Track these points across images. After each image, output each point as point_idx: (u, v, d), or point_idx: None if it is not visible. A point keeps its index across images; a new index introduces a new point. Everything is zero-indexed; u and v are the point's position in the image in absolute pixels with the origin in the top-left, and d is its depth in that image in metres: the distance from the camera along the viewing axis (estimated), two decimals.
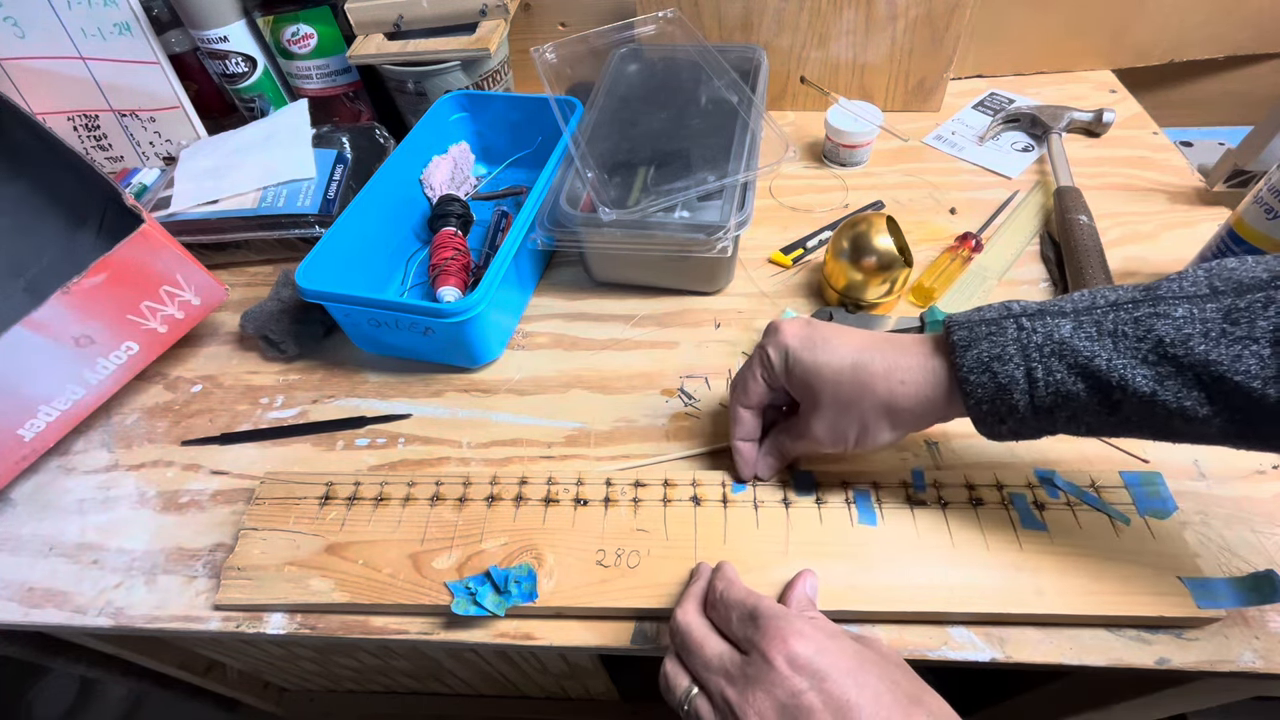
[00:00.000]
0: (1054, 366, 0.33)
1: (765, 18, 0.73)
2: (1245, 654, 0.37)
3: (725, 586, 0.35)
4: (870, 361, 0.38)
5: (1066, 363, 0.32)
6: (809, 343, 0.39)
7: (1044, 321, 0.33)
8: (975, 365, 0.34)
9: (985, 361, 0.34)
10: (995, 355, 0.34)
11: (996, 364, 0.34)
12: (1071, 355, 0.32)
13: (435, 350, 0.55)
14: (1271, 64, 0.82)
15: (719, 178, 0.54)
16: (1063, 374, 0.32)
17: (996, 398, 0.34)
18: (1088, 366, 0.32)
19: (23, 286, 0.59)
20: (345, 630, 0.42)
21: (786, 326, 0.40)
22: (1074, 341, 0.32)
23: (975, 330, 0.35)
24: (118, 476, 0.52)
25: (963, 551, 0.41)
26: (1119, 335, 0.32)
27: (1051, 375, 0.33)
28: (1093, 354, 0.32)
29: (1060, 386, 0.33)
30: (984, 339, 0.34)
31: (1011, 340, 0.34)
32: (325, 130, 0.70)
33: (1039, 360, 0.33)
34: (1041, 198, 0.66)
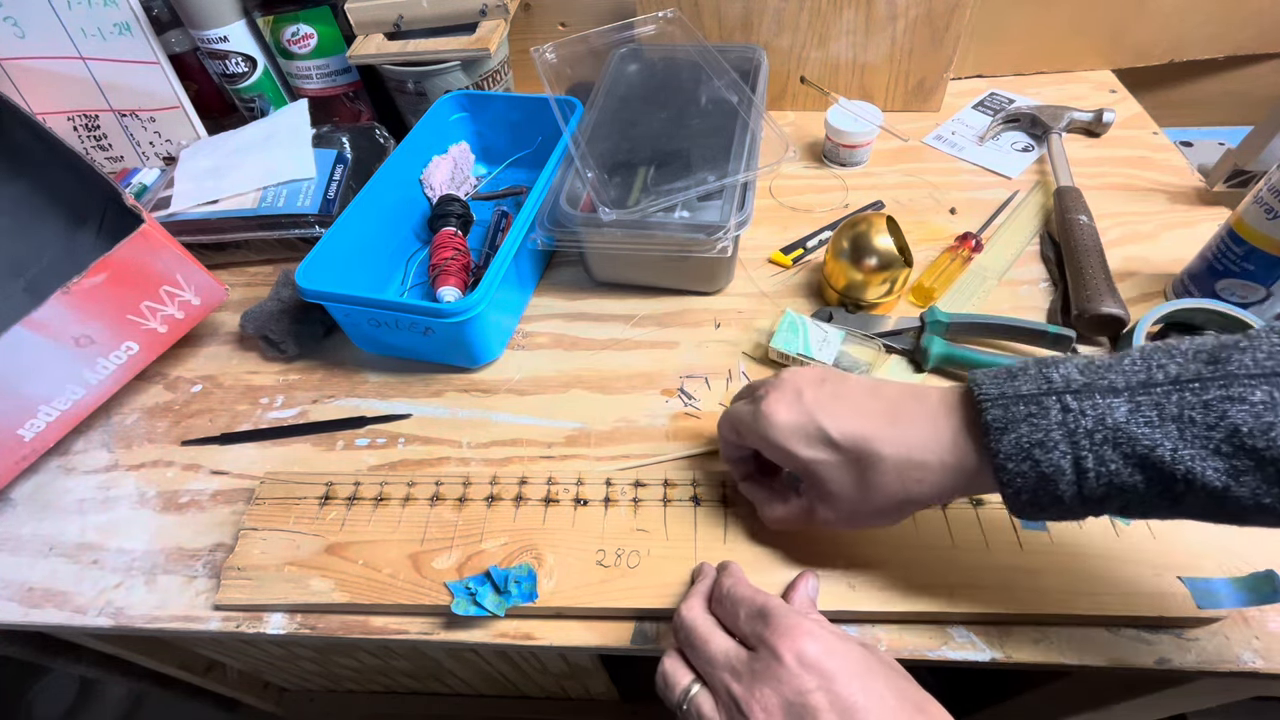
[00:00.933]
0: (1107, 456, 0.28)
1: (765, 18, 0.73)
2: (1245, 654, 0.37)
3: (732, 583, 0.35)
4: (880, 457, 0.33)
5: (1122, 452, 0.28)
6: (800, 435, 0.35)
7: (1093, 402, 0.29)
8: (1014, 452, 0.30)
9: (1025, 448, 0.29)
10: (1037, 441, 0.29)
11: (1039, 450, 0.29)
12: (1128, 444, 0.28)
13: (435, 350, 0.55)
14: (1271, 64, 0.82)
15: (719, 178, 0.54)
16: (1118, 464, 0.28)
17: (1039, 488, 0.30)
18: (1148, 457, 0.27)
19: (23, 286, 0.59)
20: (345, 630, 0.42)
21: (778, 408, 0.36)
22: (1131, 428, 0.28)
23: (1011, 410, 0.30)
24: (118, 476, 0.52)
25: (963, 551, 0.41)
26: (1185, 421, 0.27)
27: (1104, 466, 0.28)
28: (1154, 443, 0.27)
29: (1114, 478, 0.28)
30: (1023, 420, 0.30)
31: (1056, 424, 0.29)
32: (325, 130, 0.70)
33: (1089, 449, 0.28)
34: (1041, 198, 0.66)
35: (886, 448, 0.33)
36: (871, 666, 0.31)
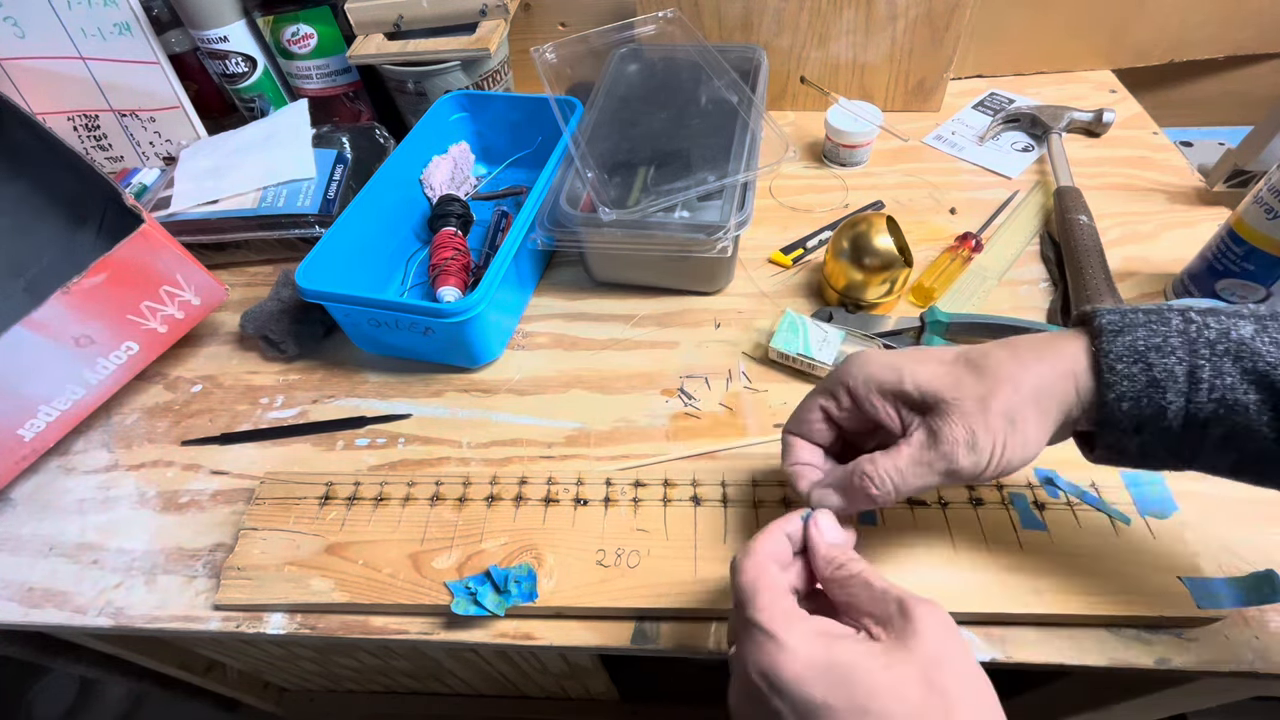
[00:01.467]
0: (1225, 369, 0.27)
1: (765, 18, 0.73)
2: (1245, 654, 0.37)
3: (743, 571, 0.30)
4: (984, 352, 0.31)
5: (1242, 366, 0.27)
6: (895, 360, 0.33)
7: (1218, 318, 0.28)
8: (1126, 352, 0.28)
9: (1140, 350, 0.28)
10: (1154, 345, 0.28)
11: (1154, 354, 0.28)
12: (1250, 358, 0.27)
13: (435, 350, 0.55)
14: (1271, 64, 0.82)
15: (719, 178, 0.54)
16: (1234, 378, 0.27)
17: (1145, 395, 0.28)
18: (1268, 375, 0.27)
19: (23, 286, 0.59)
20: (345, 630, 0.42)
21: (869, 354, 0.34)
22: (1255, 344, 0.27)
23: (1130, 316, 0.29)
24: (118, 476, 0.52)
25: (963, 551, 0.41)
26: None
27: (1221, 378, 0.27)
28: (1277, 360, 0.27)
29: (1228, 393, 0.27)
30: (1140, 325, 0.29)
31: (1176, 331, 0.28)
32: (325, 130, 0.70)
33: (1208, 358, 0.27)
34: (1041, 198, 0.66)
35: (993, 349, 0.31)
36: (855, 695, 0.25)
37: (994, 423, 0.30)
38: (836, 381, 0.34)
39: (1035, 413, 0.30)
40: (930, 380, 0.31)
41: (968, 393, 0.30)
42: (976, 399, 0.30)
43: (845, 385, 0.34)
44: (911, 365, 0.32)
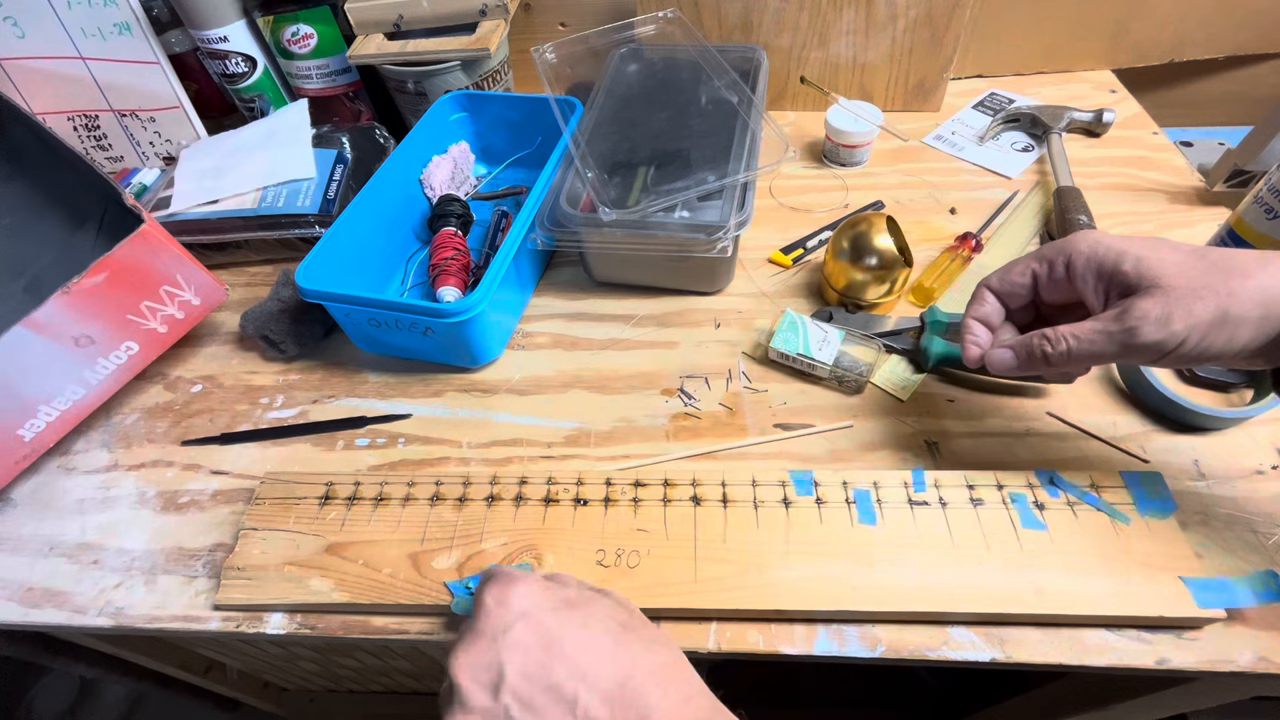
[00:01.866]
0: None
1: (765, 18, 0.73)
2: (1245, 654, 0.37)
3: None
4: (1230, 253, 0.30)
5: None
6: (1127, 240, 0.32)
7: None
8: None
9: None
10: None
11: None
12: None
13: (435, 350, 0.55)
14: (1271, 64, 0.82)
15: (719, 178, 0.54)
16: None
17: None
18: None
19: (23, 286, 0.59)
20: (345, 630, 0.42)
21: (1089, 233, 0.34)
22: None
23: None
24: (118, 476, 0.52)
25: (963, 551, 0.41)
26: None
27: None
28: None
29: None
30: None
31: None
32: (325, 130, 0.70)
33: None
34: (1041, 198, 0.66)
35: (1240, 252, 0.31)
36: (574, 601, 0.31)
37: (1199, 311, 0.30)
38: (1059, 250, 0.34)
39: (1257, 315, 0.29)
40: (1154, 264, 0.31)
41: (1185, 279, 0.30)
42: (1190, 286, 0.30)
43: (1067, 256, 0.33)
44: (1140, 249, 0.32)
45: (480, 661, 0.29)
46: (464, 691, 0.28)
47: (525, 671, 0.28)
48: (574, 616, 0.30)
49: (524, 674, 0.28)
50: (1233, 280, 0.29)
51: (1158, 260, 0.31)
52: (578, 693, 0.28)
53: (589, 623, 0.30)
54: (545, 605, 0.31)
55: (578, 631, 0.29)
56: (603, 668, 0.28)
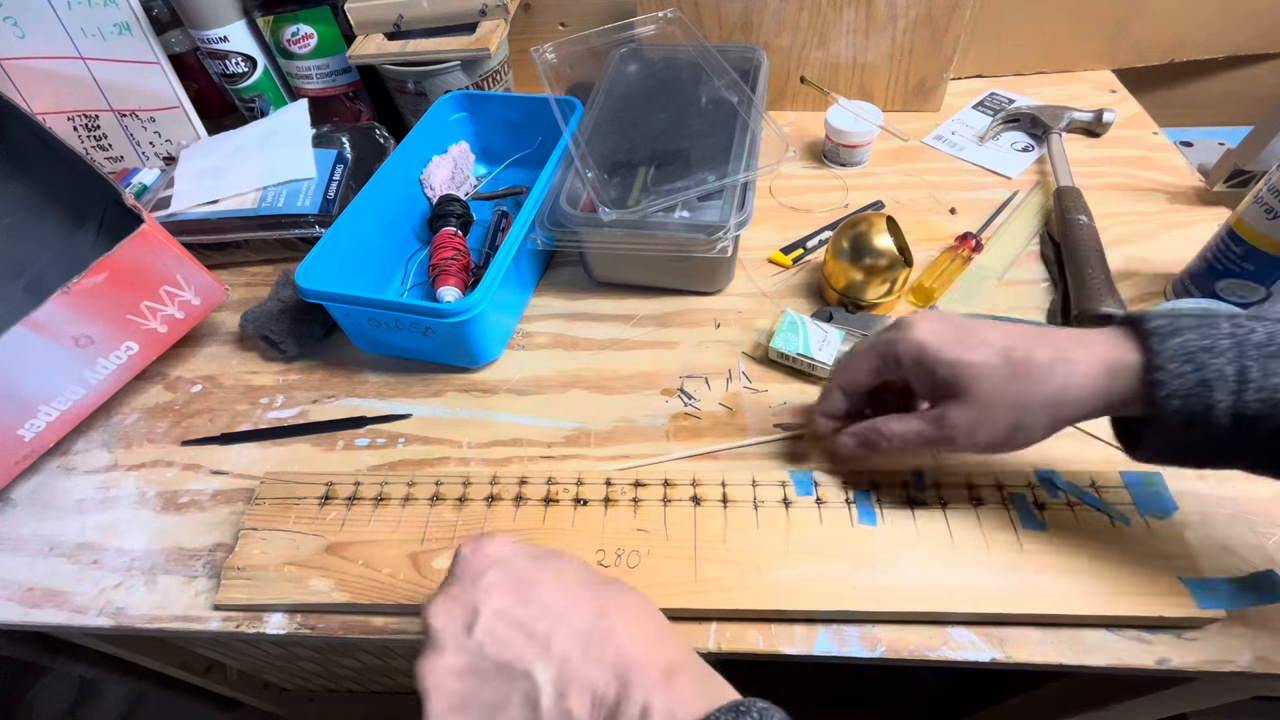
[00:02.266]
0: (1273, 368, 0.29)
1: (765, 18, 0.73)
2: (1245, 654, 0.37)
3: None
4: (1031, 353, 0.34)
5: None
6: (950, 339, 0.36)
7: (1265, 323, 0.30)
8: (1177, 354, 0.30)
9: (1190, 351, 0.30)
10: (1204, 346, 0.30)
11: (1204, 354, 0.30)
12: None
13: (435, 350, 0.55)
14: (1271, 64, 0.82)
15: (719, 178, 0.54)
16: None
17: (1194, 394, 0.30)
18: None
19: (23, 286, 0.59)
20: (345, 630, 0.42)
21: (920, 321, 0.37)
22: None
23: (1178, 321, 0.31)
24: (118, 476, 0.52)
25: (963, 551, 0.41)
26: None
27: (1270, 378, 0.29)
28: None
29: (1275, 392, 0.29)
30: (1190, 329, 0.30)
31: (1226, 334, 0.30)
32: (325, 130, 0.70)
33: (1256, 359, 0.29)
34: (1041, 198, 0.66)
35: (1038, 348, 0.34)
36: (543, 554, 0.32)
37: (1000, 421, 0.35)
38: (891, 351, 0.38)
39: (1048, 423, 0.34)
40: (964, 375, 0.35)
41: (989, 391, 0.35)
42: (991, 400, 0.35)
43: (897, 358, 0.38)
44: (955, 355, 0.35)
45: (455, 605, 0.29)
46: (438, 633, 0.29)
47: (499, 610, 0.29)
48: (548, 564, 0.31)
49: (497, 612, 0.29)
50: (1029, 390, 0.34)
51: (967, 370, 0.35)
52: (551, 628, 0.28)
53: (563, 570, 0.31)
54: (520, 553, 0.32)
55: (552, 577, 0.30)
56: (575, 608, 0.29)
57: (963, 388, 0.35)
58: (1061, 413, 0.34)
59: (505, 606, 0.29)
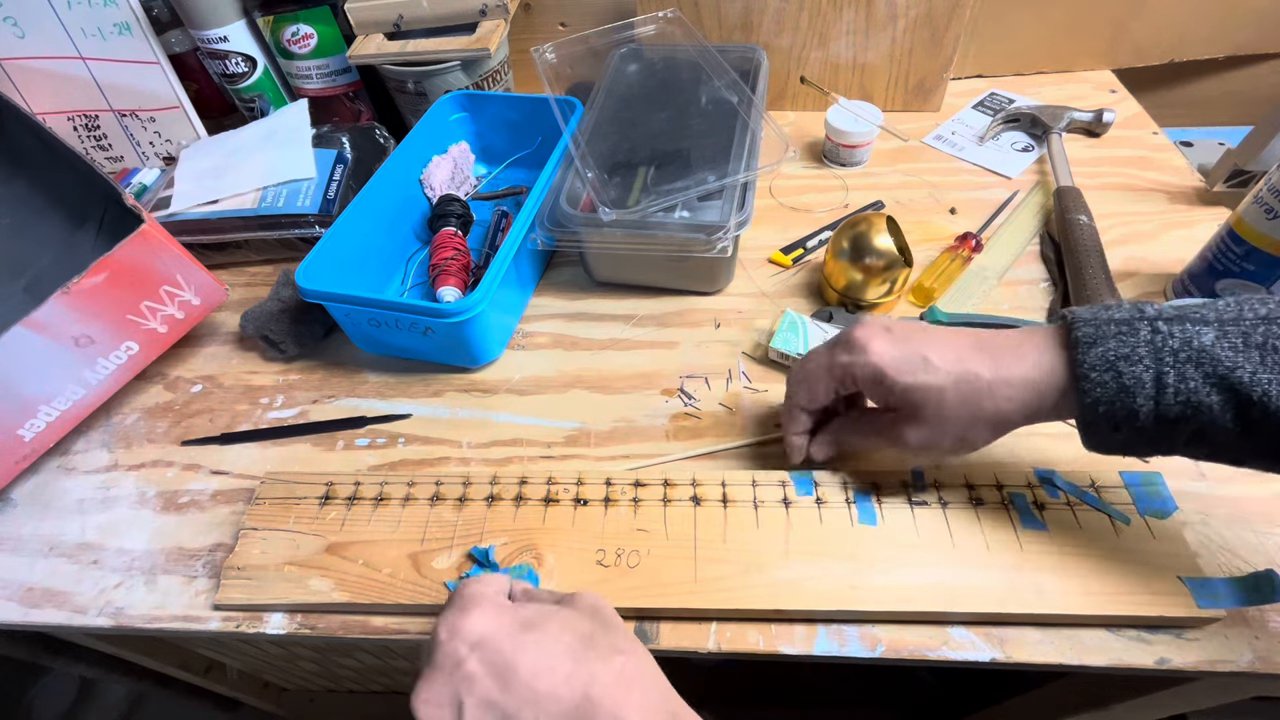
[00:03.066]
0: (1188, 374, 0.30)
1: (765, 18, 0.73)
2: (1245, 654, 0.37)
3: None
4: (976, 376, 0.35)
5: (1204, 371, 0.30)
6: (906, 365, 0.37)
7: (1183, 327, 0.31)
8: (1099, 363, 0.32)
9: (1111, 360, 0.32)
10: (1123, 355, 0.31)
11: (1123, 364, 0.31)
12: (1210, 364, 0.30)
13: (435, 350, 0.55)
14: (1271, 64, 0.82)
15: (719, 178, 0.54)
16: (1197, 382, 0.30)
17: (1117, 400, 0.32)
18: (1227, 378, 0.30)
19: (23, 286, 0.59)
20: (345, 630, 0.42)
21: (874, 343, 0.38)
22: (1215, 350, 0.30)
23: (1102, 329, 0.33)
24: (118, 476, 0.52)
25: (963, 551, 0.41)
26: (1268, 349, 0.29)
27: (1185, 382, 0.30)
28: (1234, 365, 0.30)
29: (1192, 396, 0.30)
30: (1112, 338, 0.32)
31: (1144, 342, 0.31)
32: (325, 130, 0.70)
33: (1173, 365, 0.30)
34: (1041, 198, 0.66)
35: (983, 368, 0.36)
36: (533, 621, 0.31)
37: (948, 436, 0.37)
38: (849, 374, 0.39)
39: (989, 433, 0.37)
40: (916, 397, 0.37)
41: (942, 412, 0.37)
42: (942, 419, 0.37)
43: (854, 377, 0.39)
44: (911, 378, 0.37)
45: (437, 697, 0.29)
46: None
47: (482, 700, 0.29)
48: (529, 640, 0.30)
49: (480, 703, 0.29)
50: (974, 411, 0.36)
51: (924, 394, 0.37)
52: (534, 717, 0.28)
53: (544, 643, 0.30)
54: (500, 631, 0.31)
55: (533, 657, 0.30)
56: (558, 689, 0.29)
57: (916, 409, 0.37)
58: (1002, 426, 0.37)
59: (487, 696, 0.29)
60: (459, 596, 0.33)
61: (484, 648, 0.30)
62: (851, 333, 0.39)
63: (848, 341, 0.39)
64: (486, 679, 0.29)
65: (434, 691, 0.30)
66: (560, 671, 0.29)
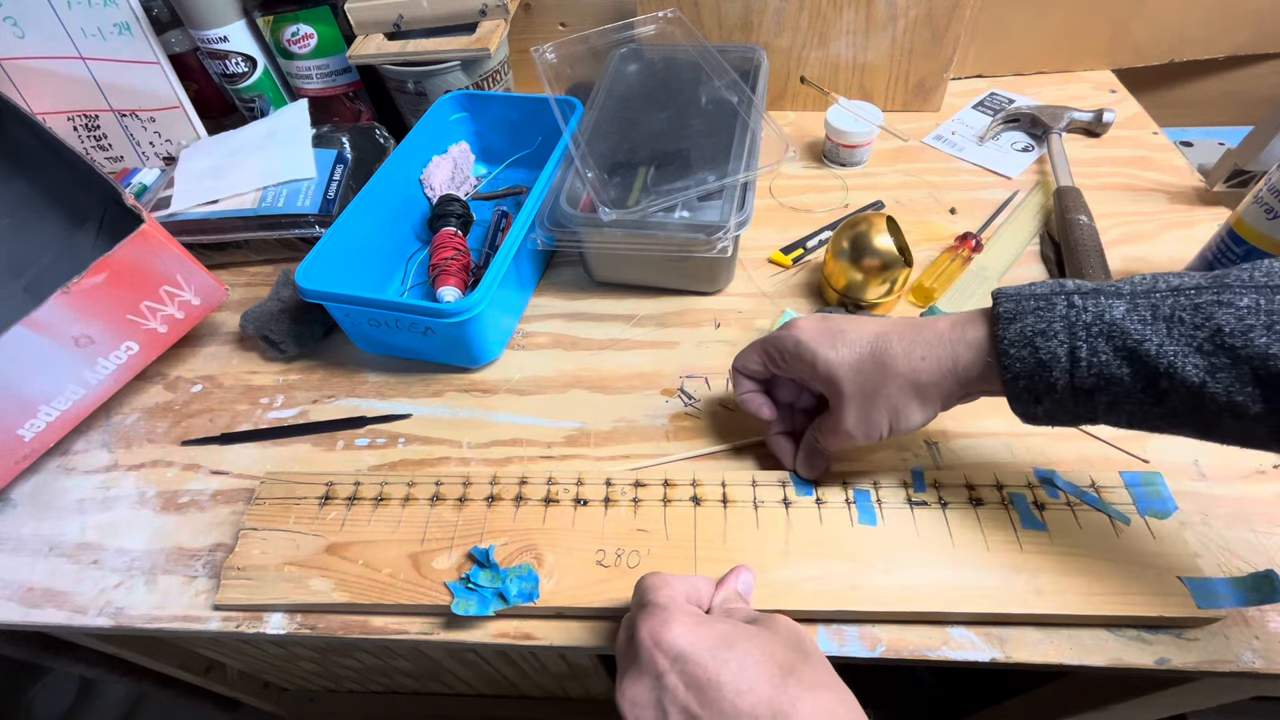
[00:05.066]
0: (1100, 347, 0.31)
1: (765, 18, 0.73)
2: (1245, 654, 0.37)
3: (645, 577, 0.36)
4: (889, 344, 0.37)
5: (1114, 344, 0.31)
6: (824, 336, 0.39)
7: (1096, 301, 0.32)
8: (1017, 339, 0.33)
9: (1028, 336, 0.33)
10: (1039, 330, 0.33)
11: (1040, 339, 0.33)
12: (1120, 337, 0.31)
13: (435, 350, 0.55)
14: (1271, 64, 0.82)
15: (719, 178, 0.54)
16: (1108, 355, 0.31)
17: (1035, 374, 0.33)
18: (1136, 350, 0.31)
19: (23, 286, 0.59)
20: (345, 630, 0.42)
21: (801, 321, 0.41)
22: (1125, 324, 0.31)
23: (1022, 304, 0.34)
24: (118, 476, 0.52)
25: (963, 551, 0.41)
26: (1174, 321, 0.30)
27: (1096, 356, 0.31)
28: (1143, 337, 0.30)
29: (1104, 369, 0.31)
30: (1030, 313, 0.33)
31: (1059, 317, 0.32)
32: (325, 130, 0.70)
33: (1085, 340, 0.32)
34: (1041, 198, 0.66)
35: (894, 338, 0.37)
36: (733, 638, 0.31)
37: (879, 411, 0.38)
38: (775, 345, 0.42)
39: (917, 402, 0.38)
40: (835, 369, 0.38)
41: (861, 386, 0.38)
42: (867, 393, 0.38)
43: (781, 352, 0.41)
44: (826, 352, 0.39)
45: (643, 699, 0.30)
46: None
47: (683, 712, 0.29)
48: (731, 658, 0.30)
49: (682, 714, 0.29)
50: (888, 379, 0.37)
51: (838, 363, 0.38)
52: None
53: (745, 663, 0.30)
54: (700, 646, 0.30)
55: (734, 675, 0.29)
56: (758, 711, 0.28)
57: (838, 385, 0.38)
58: (925, 395, 0.37)
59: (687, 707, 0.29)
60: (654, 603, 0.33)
61: (685, 661, 0.30)
62: (789, 321, 0.42)
63: (786, 324, 0.42)
64: (687, 693, 0.29)
65: (639, 693, 0.30)
66: (761, 694, 0.29)
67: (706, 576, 0.38)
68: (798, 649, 0.31)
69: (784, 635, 0.32)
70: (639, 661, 0.31)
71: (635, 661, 0.31)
